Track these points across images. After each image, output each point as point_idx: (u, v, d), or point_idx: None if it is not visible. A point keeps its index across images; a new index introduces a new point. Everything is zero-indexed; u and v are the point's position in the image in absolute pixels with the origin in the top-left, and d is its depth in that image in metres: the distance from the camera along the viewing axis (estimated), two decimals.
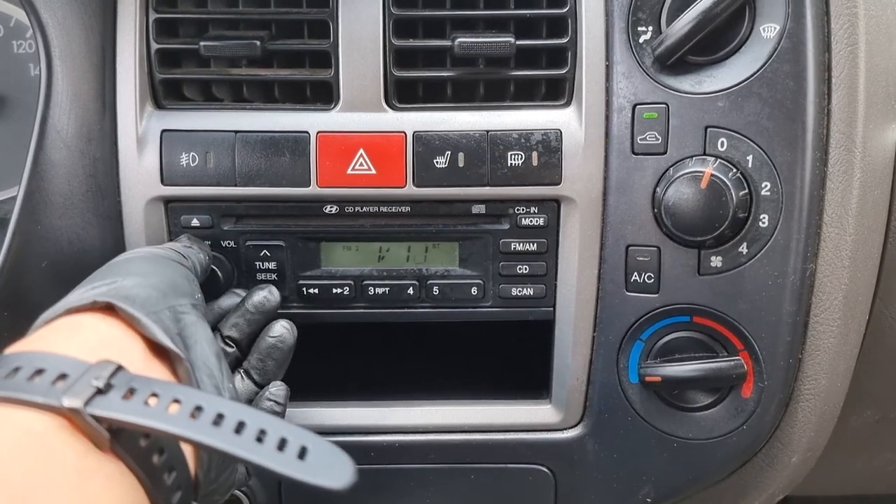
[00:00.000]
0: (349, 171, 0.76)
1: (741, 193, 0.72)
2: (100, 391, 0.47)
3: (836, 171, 0.74)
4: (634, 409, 0.81)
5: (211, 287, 0.75)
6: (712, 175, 0.72)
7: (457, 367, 0.92)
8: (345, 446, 0.80)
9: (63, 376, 0.48)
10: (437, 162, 0.76)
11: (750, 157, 0.73)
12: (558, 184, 0.77)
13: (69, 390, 0.47)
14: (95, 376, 0.48)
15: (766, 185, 0.73)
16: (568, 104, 0.78)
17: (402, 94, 0.78)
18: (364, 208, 0.79)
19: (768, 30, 0.73)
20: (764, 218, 0.74)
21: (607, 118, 0.76)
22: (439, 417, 0.84)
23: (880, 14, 0.76)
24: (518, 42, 0.75)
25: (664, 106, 0.75)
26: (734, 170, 0.73)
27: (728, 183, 0.72)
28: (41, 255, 0.73)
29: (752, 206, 0.73)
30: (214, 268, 0.76)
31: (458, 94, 0.79)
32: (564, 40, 0.77)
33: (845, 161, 0.74)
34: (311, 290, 0.81)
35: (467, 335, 0.93)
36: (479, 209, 0.79)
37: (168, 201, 0.78)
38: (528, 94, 0.80)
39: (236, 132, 0.76)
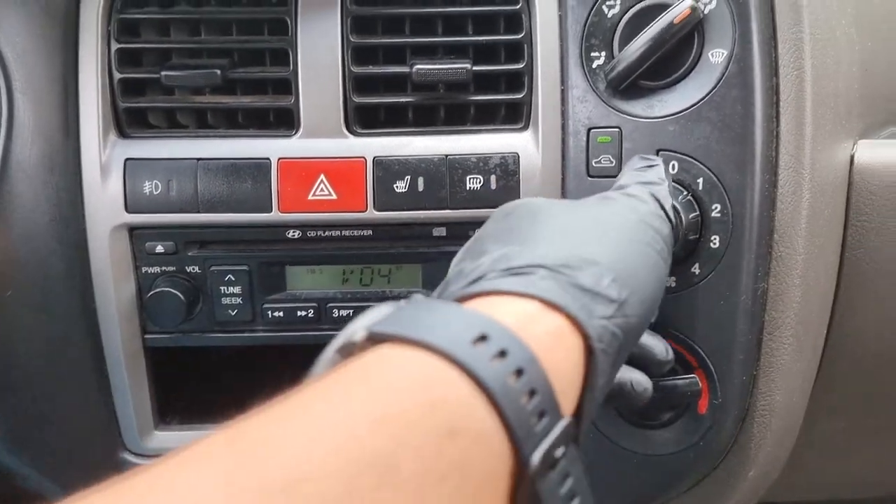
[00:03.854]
0: (310, 197, 0.78)
1: (692, 216, 0.74)
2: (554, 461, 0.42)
3: (786, 193, 0.75)
4: (595, 426, 0.82)
5: (172, 312, 0.77)
6: None
7: None
8: None
9: (542, 415, 0.42)
10: (396, 186, 0.78)
11: (700, 180, 0.74)
12: None
13: (538, 448, 0.41)
14: (559, 443, 0.42)
15: (716, 207, 0.74)
16: (525, 128, 0.80)
17: (363, 119, 0.79)
18: (326, 232, 0.80)
19: (716, 55, 0.74)
20: (715, 239, 0.75)
21: (563, 141, 0.78)
22: None
23: (827, 38, 0.77)
24: (475, 68, 0.77)
25: (617, 130, 0.76)
26: (685, 192, 0.74)
27: (678, 206, 0.73)
28: (5, 283, 0.74)
29: (702, 227, 0.75)
30: (178, 293, 0.77)
31: (419, 118, 0.80)
32: (521, 65, 0.78)
33: (794, 182, 0.75)
34: (277, 314, 0.82)
35: None
36: (440, 232, 0.80)
37: (132, 228, 0.79)
38: (489, 117, 0.81)
39: (198, 159, 0.77)
